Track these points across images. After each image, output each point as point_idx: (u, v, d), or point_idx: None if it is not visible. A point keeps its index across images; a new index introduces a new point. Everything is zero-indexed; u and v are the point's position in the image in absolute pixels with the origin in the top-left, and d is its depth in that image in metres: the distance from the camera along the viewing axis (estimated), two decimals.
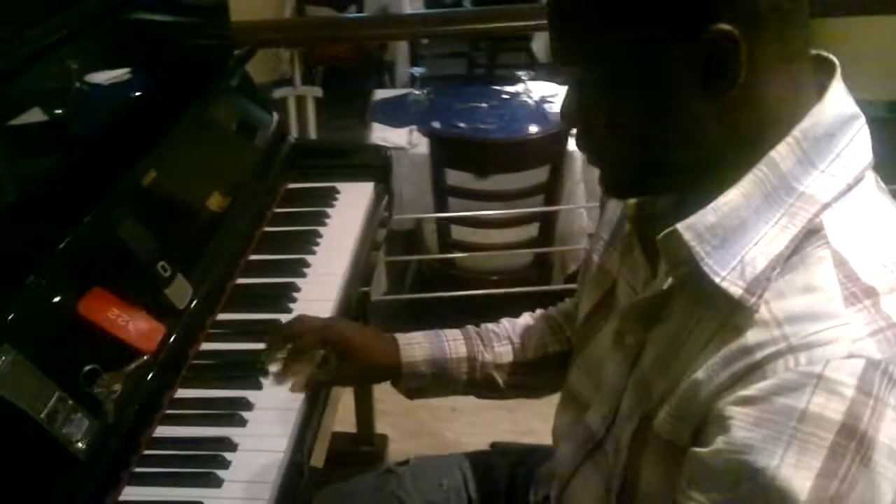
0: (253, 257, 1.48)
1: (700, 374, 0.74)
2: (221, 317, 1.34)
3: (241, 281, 1.42)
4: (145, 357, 1.09)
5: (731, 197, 0.74)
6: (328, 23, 2.15)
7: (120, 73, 1.44)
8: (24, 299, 1.00)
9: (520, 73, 3.32)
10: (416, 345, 1.15)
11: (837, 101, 0.76)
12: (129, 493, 1.03)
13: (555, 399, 1.20)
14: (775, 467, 0.68)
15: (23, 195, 1.14)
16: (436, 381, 1.16)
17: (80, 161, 1.26)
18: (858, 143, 0.76)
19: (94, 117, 1.38)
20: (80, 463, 0.95)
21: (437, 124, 3.00)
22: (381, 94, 3.46)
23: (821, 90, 0.76)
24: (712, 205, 0.74)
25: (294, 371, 1.13)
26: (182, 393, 1.19)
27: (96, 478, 0.99)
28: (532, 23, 2.53)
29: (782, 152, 0.74)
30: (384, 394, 1.14)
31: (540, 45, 4.88)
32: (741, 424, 0.70)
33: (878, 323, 0.69)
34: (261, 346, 1.24)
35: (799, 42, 0.74)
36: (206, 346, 1.28)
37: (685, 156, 0.77)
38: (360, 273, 1.52)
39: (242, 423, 1.14)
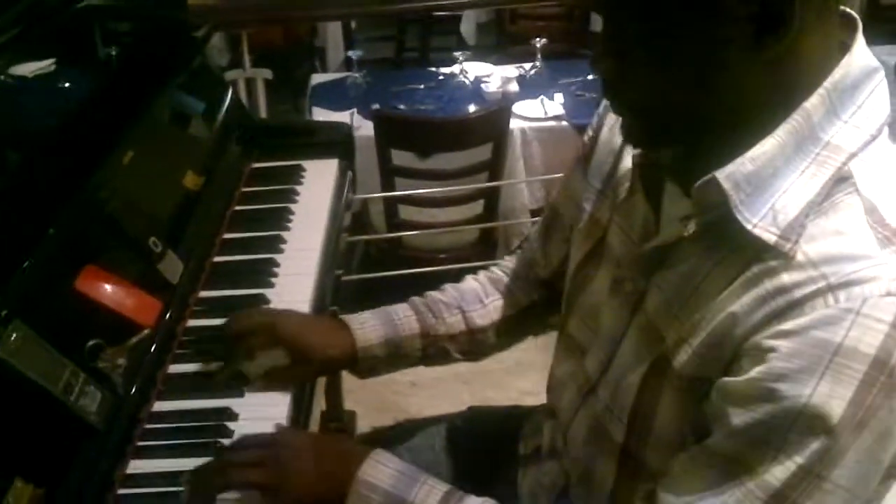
0: (227, 235, 1.48)
1: (732, 311, 0.77)
2: (203, 294, 1.35)
3: (218, 259, 1.43)
4: (146, 331, 1.09)
5: (768, 147, 0.76)
6: (288, 3, 2.15)
7: (87, 59, 1.43)
8: (27, 277, 1.00)
9: (456, 53, 3.35)
10: (368, 328, 1.17)
11: (863, 53, 0.79)
12: (137, 465, 1.04)
13: (505, 368, 1.23)
14: (808, 395, 0.71)
15: (13, 179, 1.13)
16: (390, 360, 1.18)
17: (60, 145, 1.26)
18: (878, 96, 0.78)
19: (71, 102, 1.37)
20: (98, 434, 0.96)
21: (376, 106, 3.01)
22: (318, 78, 3.46)
23: (842, 45, 0.79)
24: (749, 154, 0.76)
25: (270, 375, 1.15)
26: (176, 368, 1.19)
27: (112, 449, 1.00)
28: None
29: (815, 103, 0.76)
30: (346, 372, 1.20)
31: (469, 27, 4.93)
32: (778, 355, 0.72)
33: None
34: None
35: None
36: (192, 322, 1.28)
37: (722, 106, 0.78)
38: (334, 249, 1.54)
39: (240, 393, 1.15)
